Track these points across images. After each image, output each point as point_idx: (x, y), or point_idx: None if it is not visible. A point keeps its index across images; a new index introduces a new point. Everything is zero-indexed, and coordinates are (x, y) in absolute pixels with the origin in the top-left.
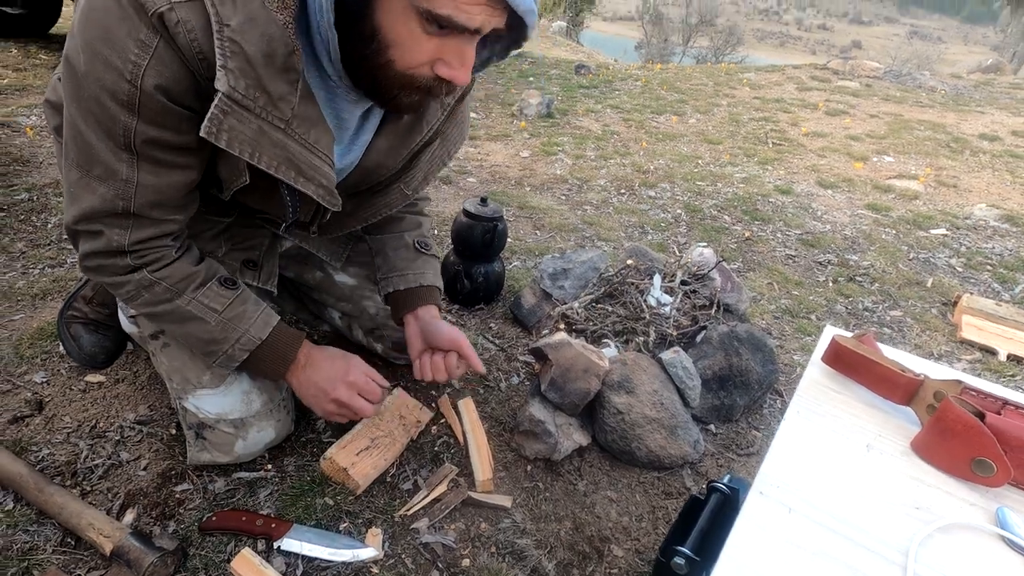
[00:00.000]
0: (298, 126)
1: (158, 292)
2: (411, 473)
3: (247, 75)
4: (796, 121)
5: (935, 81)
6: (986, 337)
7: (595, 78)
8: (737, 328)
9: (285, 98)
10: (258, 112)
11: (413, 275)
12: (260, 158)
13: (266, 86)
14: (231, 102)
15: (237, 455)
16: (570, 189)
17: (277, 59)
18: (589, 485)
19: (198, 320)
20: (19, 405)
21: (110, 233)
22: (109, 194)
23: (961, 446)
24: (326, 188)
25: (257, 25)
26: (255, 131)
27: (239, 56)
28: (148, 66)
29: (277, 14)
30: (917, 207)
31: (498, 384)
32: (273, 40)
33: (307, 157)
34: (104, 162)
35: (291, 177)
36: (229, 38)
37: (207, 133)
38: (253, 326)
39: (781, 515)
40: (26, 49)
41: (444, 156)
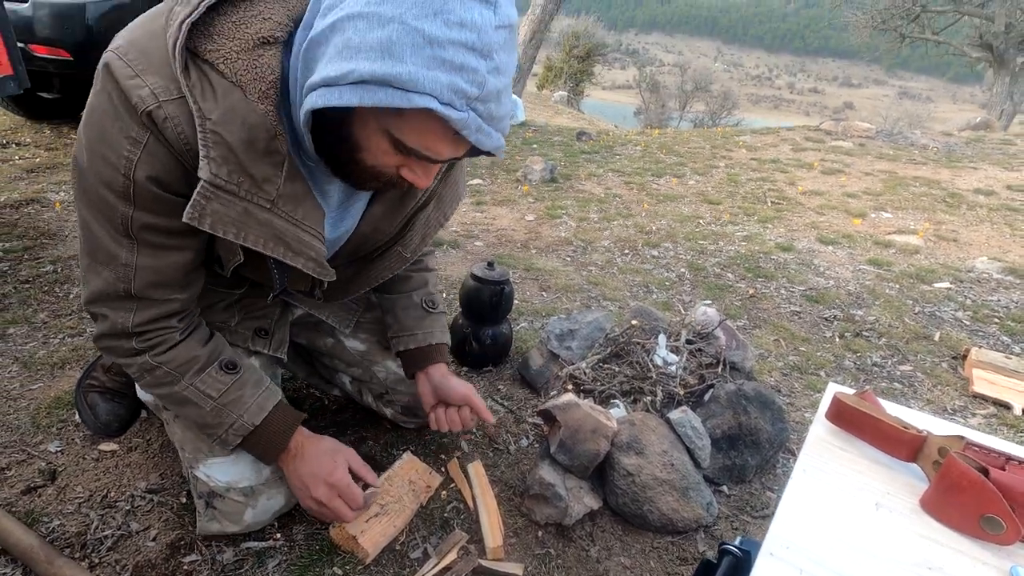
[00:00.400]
0: (284, 204)
1: (159, 376)
2: (420, 541)
3: (229, 162)
4: (793, 180)
5: (927, 139)
6: (999, 391)
7: (596, 143)
8: (744, 386)
9: (270, 179)
10: (242, 195)
11: (422, 334)
12: (247, 237)
13: (249, 170)
14: (214, 188)
15: (247, 524)
16: (575, 251)
17: (259, 144)
18: (602, 551)
19: (194, 405)
20: (33, 475)
21: (114, 316)
22: (111, 277)
23: (968, 503)
24: (316, 261)
25: (237, 115)
26: (240, 212)
27: (220, 145)
28: (139, 160)
29: (258, 103)
30: (919, 261)
31: (507, 447)
32: (254, 128)
33: (295, 233)
34: (106, 248)
35: (280, 253)
36: (211, 130)
37: (189, 218)
38: (247, 412)
39: None
40: (59, 130)
41: (440, 218)
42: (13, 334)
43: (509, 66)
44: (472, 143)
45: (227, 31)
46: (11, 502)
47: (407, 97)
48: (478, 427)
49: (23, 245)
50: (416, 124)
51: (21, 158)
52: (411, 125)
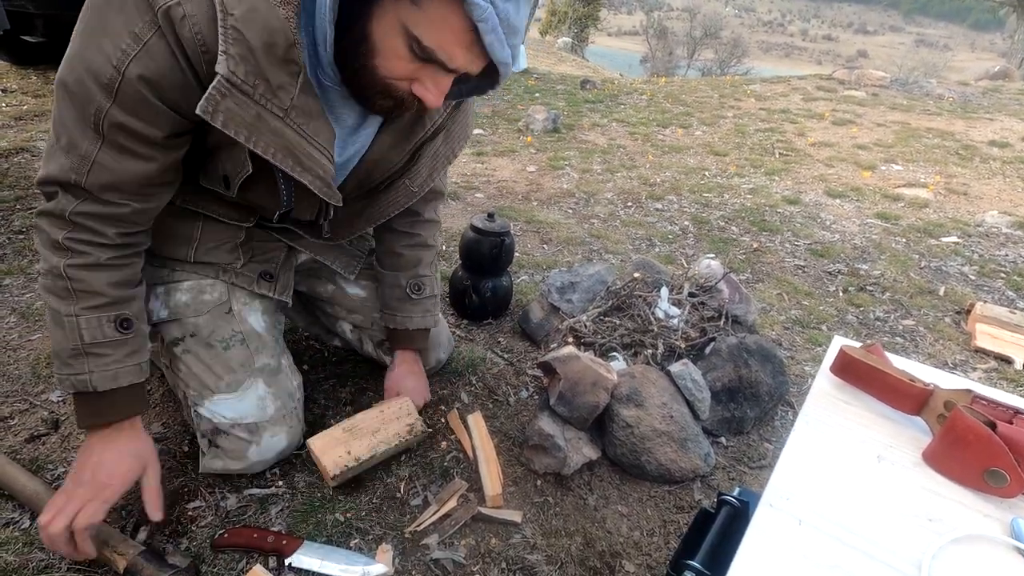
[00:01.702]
0: (296, 116)
1: (59, 286)
2: (421, 489)
3: (247, 62)
4: (802, 131)
5: (942, 89)
6: (1001, 345)
7: (600, 92)
8: (746, 339)
9: (284, 87)
10: (257, 98)
11: (401, 317)
12: (256, 143)
13: (266, 74)
14: (230, 85)
15: (250, 462)
16: (577, 203)
17: (278, 50)
18: (599, 499)
19: (64, 333)
20: (36, 424)
21: (61, 198)
22: (67, 165)
23: (973, 457)
24: (323, 180)
25: (259, 16)
26: (253, 116)
27: (240, 43)
28: (136, 57)
29: (279, 8)
30: (927, 215)
31: (507, 398)
32: (274, 32)
33: (305, 148)
34: (70, 135)
35: (288, 166)
36: (232, 26)
37: (203, 111)
38: (100, 375)
39: (791, 527)
40: (46, 76)
41: (448, 153)
42: (9, 285)
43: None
44: (486, 45)
45: None
46: (16, 450)
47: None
48: (478, 379)
49: (14, 195)
50: (436, 15)
51: (8, 105)
52: (430, 17)
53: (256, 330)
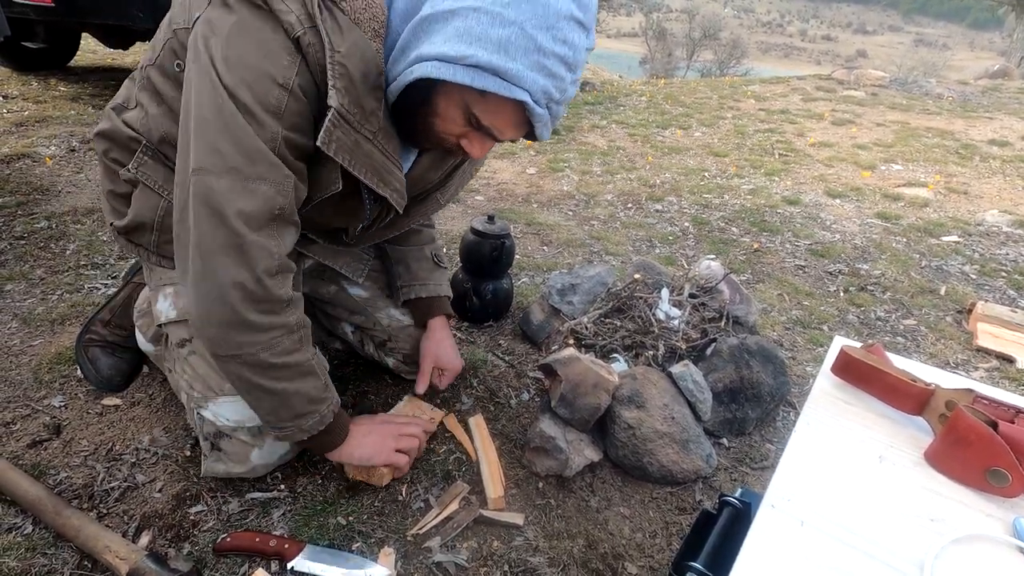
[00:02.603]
0: (382, 138)
1: (294, 341)
2: (422, 491)
3: (350, 93)
4: (802, 132)
5: (942, 88)
6: (1003, 345)
7: (600, 94)
8: (747, 340)
9: (375, 113)
10: (355, 126)
11: (433, 285)
12: (354, 166)
13: (362, 102)
14: (339, 117)
15: (253, 465)
16: (577, 205)
17: (371, 79)
18: (601, 501)
19: (314, 377)
20: (38, 429)
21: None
22: (271, 192)
23: (975, 456)
24: (399, 192)
25: (358, 50)
26: (353, 142)
27: (345, 77)
28: (297, 73)
29: (373, 42)
30: (927, 214)
31: (508, 401)
32: (369, 63)
33: (387, 165)
34: (262, 154)
35: (375, 183)
36: (339, 62)
37: (323, 143)
38: (335, 396)
39: (793, 528)
40: (46, 81)
41: (472, 171)
42: (11, 291)
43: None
44: (536, 135)
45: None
46: (18, 455)
47: (509, 88)
48: (480, 381)
49: (16, 201)
50: (496, 108)
51: (9, 111)
52: (492, 109)
53: None
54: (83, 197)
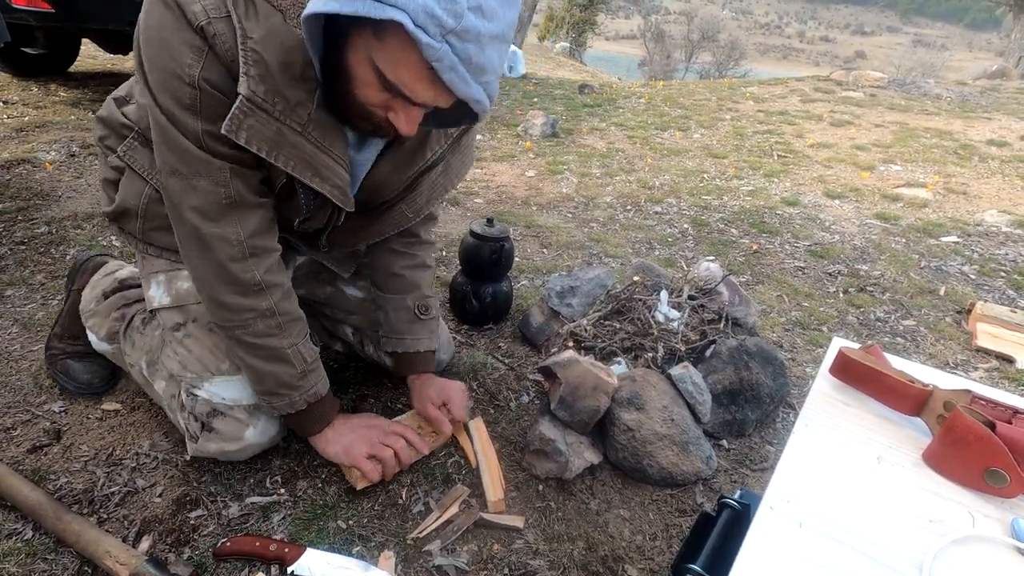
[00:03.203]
0: (314, 130)
1: (270, 326)
2: (422, 495)
3: (266, 81)
4: (801, 133)
5: (940, 88)
6: (1002, 345)
7: (599, 97)
8: (747, 342)
9: (303, 104)
10: (276, 115)
11: (411, 340)
12: (278, 157)
13: (284, 92)
14: (251, 104)
15: (246, 443)
16: (576, 207)
17: (295, 68)
18: (601, 504)
19: (288, 364)
20: (38, 434)
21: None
22: (210, 185)
23: (973, 457)
24: (340, 188)
25: (277, 37)
26: (274, 132)
27: (260, 64)
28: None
29: (296, 29)
30: (927, 215)
31: (508, 404)
32: (291, 51)
33: (323, 159)
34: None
35: (307, 176)
36: (252, 48)
37: (227, 130)
38: (321, 380)
39: (792, 530)
40: (46, 87)
41: (447, 184)
42: (11, 296)
43: (501, 16)
44: (445, 83)
45: None
46: (18, 461)
47: (381, 8)
48: (479, 384)
49: (16, 206)
50: (393, 51)
51: (9, 117)
52: (388, 53)
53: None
54: (83, 202)
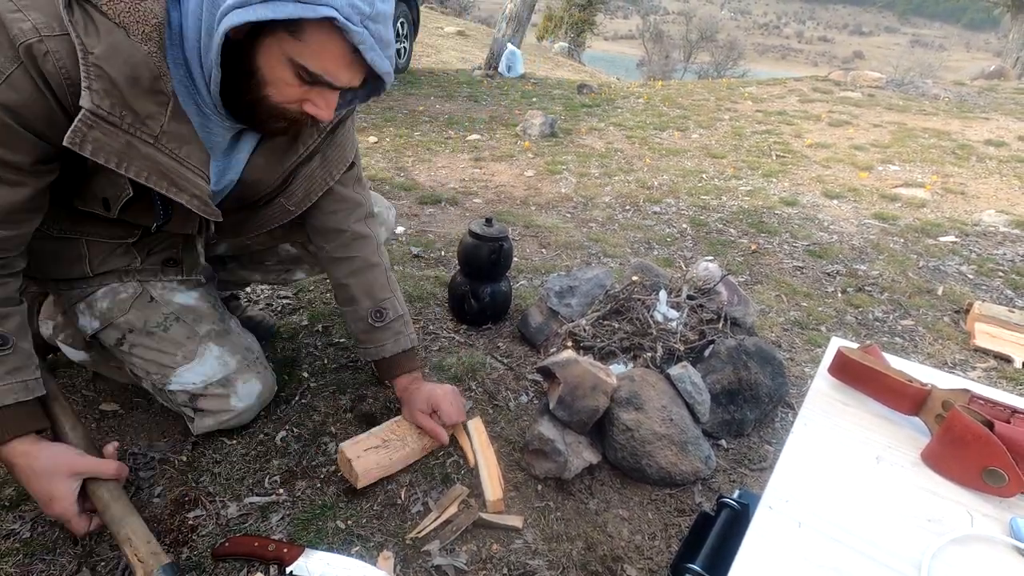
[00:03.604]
0: (168, 142)
1: None
2: (421, 495)
3: (111, 95)
4: (799, 133)
5: (938, 89)
6: (1001, 344)
7: (597, 97)
8: (745, 342)
9: (153, 116)
10: (125, 128)
11: (375, 348)
12: (128, 168)
13: (132, 105)
14: (95, 117)
15: (239, 410)
16: (575, 207)
17: (143, 82)
18: (600, 504)
19: None
20: None
21: None
22: None
23: (971, 456)
24: (200, 199)
25: (120, 53)
26: (123, 144)
27: (103, 79)
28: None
29: (142, 44)
30: (925, 215)
31: (507, 403)
32: (137, 66)
33: (179, 170)
34: None
35: (163, 187)
36: (94, 63)
37: (70, 143)
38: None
39: (791, 529)
40: None
41: (326, 176)
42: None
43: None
44: (368, 62)
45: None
46: None
47: (313, 8)
48: (478, 384)
49: None
50: (317, 45)
51: None
52: (312, 48)
53: (187, 304)
54: None
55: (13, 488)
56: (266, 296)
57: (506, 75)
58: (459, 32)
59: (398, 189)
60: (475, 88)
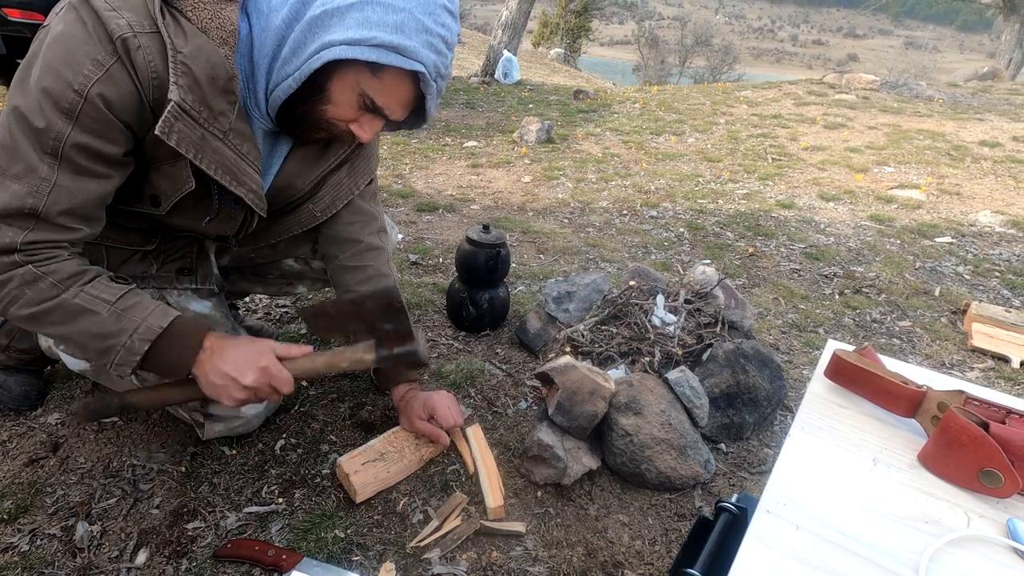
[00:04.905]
0: (233, 138)
1: (42, 289)
2: (421, 503)
3: (194, 91)
4: (795, 136)
5: (932, 90)
6: (998, 345)
7: (594, 102)
8: (743, 345)
9: (224, 113)
10: (201, 122)
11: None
12: (202, 160)
13: (209, 102)
14: (180, 110)
15: (247, 416)
16: (572, 212)
17: (219, 82)
18: (600, 509)
19: (88, 313)
20: (35, 447)
21: (5, 231)
22: (22, 191)
23: (967, 457)
24: (256, 193)
25: (204, 53)
26: (199, 137)
27: (188, 76)
28: (98, 79)
29: (220, 47)
30: (921, 216)
31: (505, 410)
32: (216, 67)
33: (240, 165)
34: (27, 161)
35: (227, 180)
36: (181, 62)
37: (161, 132)
38: (152, 315)
39: (789, 533)
40: None
41: (352, 186)
42: None
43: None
44: (427, 108)
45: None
46: (15, 473)
47: (409, 62)
48: (477, 390)
49: None
50: (392, 86)
51: None
52: (386, 87)
53: (202, 312)
54: None
55: (12, 501)
56: (264, 305)
57: (503, 82)
58: None
59: (396, 196)
60: (472, 95)
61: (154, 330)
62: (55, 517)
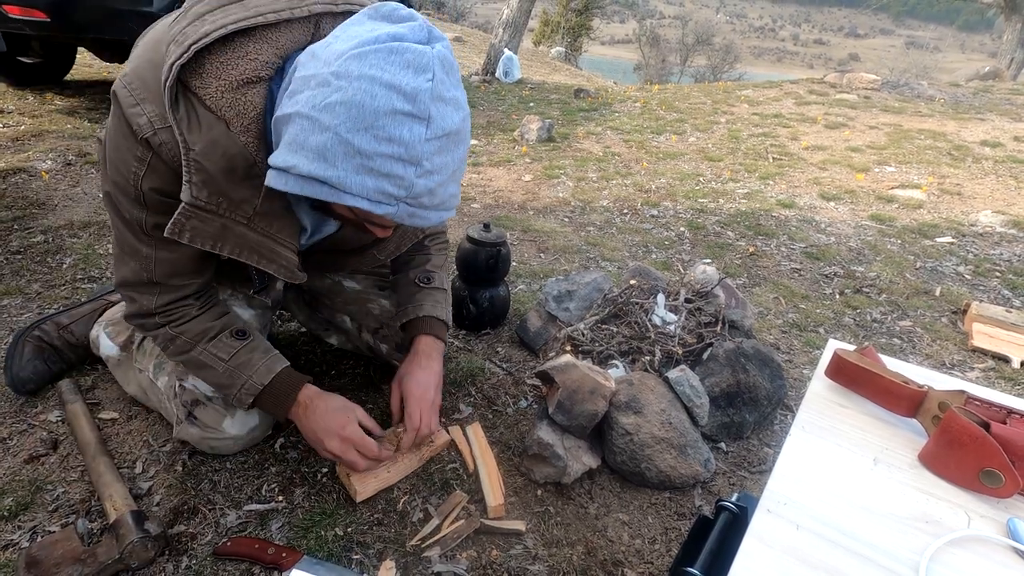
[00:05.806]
0: (260, 221)
1: (180, 344)
2: (421, 501)
3: (209, 186)
4: (796, 135)
5: (933, 90)
6: (998, 345)
7: (594, 101)
8: (743, 344)
9: (248, 200)
10: (221, 213)
11: (412, 307)
12: (223, 248)
13: (228, 193)
14: (194, 208)
15: (225, 431)
16: (573, 211)
17: (238, 172)
18: (600, 508)
19: (209, 368)
20: (35, 444)
21: (141, 299)
22: (136, 267)
23: (968, 457)
24: (287, 268)
25: (219, 147)
26: (219, 228)
27: (201, 172)
28: (144, 175)
29: (239, 136)
30: (921, 216)
31: (505, 408)
32: (234, 158)
33: (269, 244)
34: (130, 243)
35: (254, 260)
36: (194, 159)
37: (170, 233)
38: (256, 373)
39: (789, 532)
40: (42, 96)
41: (417, 232)
42: (7, 305)
43: (446, 163)
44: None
45: (214, 71)
46: (15, 470)
47: (339, 196)
48: (477, 389)
49: (12, 215)
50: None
51: (5, 126)
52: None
53: (243, 317)
54: (79, 211)
55: (12, 498)
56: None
57: (503, 80)
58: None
59: None
60: (473, 93)
61: (256, 387)
62: (55, 514)
